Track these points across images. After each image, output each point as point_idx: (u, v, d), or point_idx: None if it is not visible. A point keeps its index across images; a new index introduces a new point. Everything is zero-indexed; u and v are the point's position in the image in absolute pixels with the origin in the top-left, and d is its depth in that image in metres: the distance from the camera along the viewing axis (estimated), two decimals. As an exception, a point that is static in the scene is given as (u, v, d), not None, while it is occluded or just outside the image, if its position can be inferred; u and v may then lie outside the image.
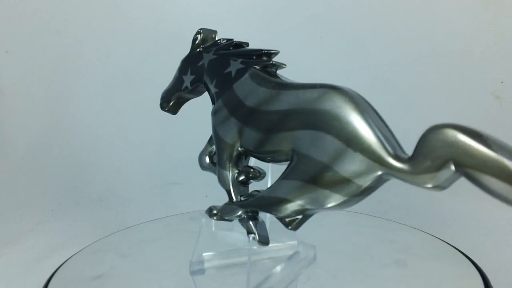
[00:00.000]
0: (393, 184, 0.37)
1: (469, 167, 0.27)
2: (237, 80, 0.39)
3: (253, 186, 0.41)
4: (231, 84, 0.39)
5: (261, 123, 0.37)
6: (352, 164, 0.31)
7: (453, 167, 0.28)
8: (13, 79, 0.84)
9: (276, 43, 0.77)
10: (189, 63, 0.44)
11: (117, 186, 0.80)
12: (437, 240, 0.52)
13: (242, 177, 0.40)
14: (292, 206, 0.35)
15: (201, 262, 0.46)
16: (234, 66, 0.40)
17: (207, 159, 0.44)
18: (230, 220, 0.41)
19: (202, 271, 0.45)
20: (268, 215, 0.42)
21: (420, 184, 0.29)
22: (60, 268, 0.48)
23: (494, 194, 0.27)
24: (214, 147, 0.43)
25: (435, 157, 0.28)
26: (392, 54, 0.78)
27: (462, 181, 0.29)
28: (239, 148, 0.39)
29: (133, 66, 0.79)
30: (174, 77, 0.45)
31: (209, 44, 0.43)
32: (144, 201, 0.77)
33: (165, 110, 0.46)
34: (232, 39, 0.42)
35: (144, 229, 0.59)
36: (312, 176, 0.33)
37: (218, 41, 0.43)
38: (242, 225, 0.40)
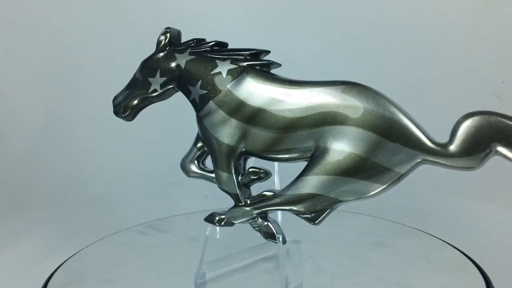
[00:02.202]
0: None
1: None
2: (231, 81, 0.38)
3: (255, 186, 0.40)
4: (224, 85, 0.38)
5: (274, 122, 0.36)
6: (392, 154, 0.33)
7: (497, 148, 0.32)
8: (12, 79, 0.84)
9: (276, 42, 0.77)
10: (157, 64, 0.41)
11: (117, 186, 0.80)
12: (386, 221, 0.57)
13: (251, 178, 0.39)
14: (324, 201, 0.36)
15: (204, 273, 0.44)
16: (224, 66, 0.39)
17: (195, 165, 0.42)
18: (232, 225, 0.40)
19: (208, 282, 0.44)
20: (279, 213, 0.42)
21: (461, 167, 0.33)
22: (59, 269, 0.48)
23: None
24: (200, 152, 0.42)
25: (480, 140, 0.32)
26: (393, 54, 0.78)
27: (463, 182, 0.30)
28: (242, 149, 0.39)
29: (133, 66, 0.79)
30: (135, 80, 0.42)
31: (180, 44, 0.41)
32: (144, 201, 0.77)
33: (121, 117, 0.43)
34: (204, 39, 0.41)
35: (101, 249, 0.53)
36: (348, 169, 0.34)
37: (191, 41, 0.41)
38: (254, 227, 0.40)
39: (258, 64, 0.38)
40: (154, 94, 0.41)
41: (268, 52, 0.40)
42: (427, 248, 0.51)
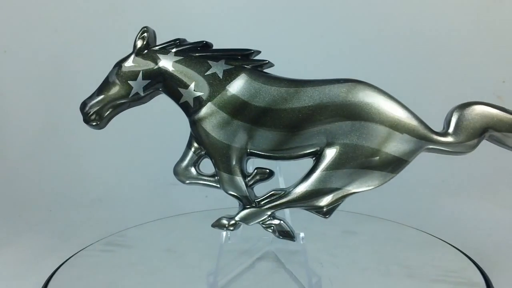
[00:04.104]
0: (394, 185, 0.38)
1: (503, 131, 0.36)
2: (229, 81, 0.38)
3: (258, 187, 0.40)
4: (223, 86, 0.38)
5: (282, 121, 0.37)
6: (401, 145, 0.36)
7: (490, 133, 0.37)
8: (11, 79, 0.84)
9: (276, 42, 0.77)
10: (138, 66, 0.39)
11: (117, 186, 0.80)
12: (338, 211, 0.59)
13: (258, 179, 0.39)
14: (340, 193, 0.37)
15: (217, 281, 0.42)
16: (218, 66, 0.38)
17: (193, 170, 0.40)
18: (238, 227, 0.40)
19: None
20: (287, 211, 0.42)
21: (458, 152, 0.37)
22: (59, 269, 0.48)
23: None
24: (197, 156, 0.40)
25: (475, 127, 0.36)
26: (393, 54, 0.77)
27: (463, 182, 0.30)
28: (247, 150, 0.38)
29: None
30: (110, 83, 0.39)
31: (161, 44, 0.40)
32: (144, 201, 0.76)
33: (93, 125, 0.40)
34: (185, 39, 0.40)
35: (75, 274, 0.48)
36: (363, 161, 0.36)
37: (173, 42, 0.39)
38: (266, 227, 0.40)
39: (255, 64, 0.38)
40: (135, 98, 0.39)
41: (259, 52, 0.39)
42: (393, 231, 0.56)
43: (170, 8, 0.81)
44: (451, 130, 0.37)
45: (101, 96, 0.40)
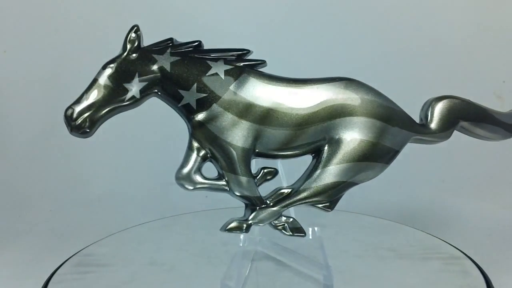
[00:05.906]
0: (394, 184, 0.38)
1: (471, 121, 0.41)
2: (232, 82, 0.37)
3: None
4: (226, 86, 0.37)
5: (287, 120, 0.38)
6: (394, 137, 0.39)
7: (461, 124, 0.41)
8: (12, 79, 0.84)
9: (275, 42, 0.76)
10: (133, 68, 0.37)
11: (116, 186, 0.80)
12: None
13: (266, 178, 0.40)
14: (345, 186, 0.39)
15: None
16: (218, 67, 0.37)
17: (198, 175, 0.39)
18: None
19: None
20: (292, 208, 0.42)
21: (440, 140, 0.41)
22: (59, 269, 0.48)
23: (484, 138, 0.43)
24: (203, 160, 0.39)
25: (451, 118, 0.40)
26: (393, 53, 0.77)
27: (463, 182, 0.30)
28: (255, 151, 0.38)
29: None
30: (101, 86, 0.37)
31: (154, 44, 0.38)
32: (143, 201, 0.76)
33: (79, 134, 0.38)
34: (171, 38, 0.38)
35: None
36: (364, 154, 0.38)
37: (166, 42, 0.38)
38: (277, 226, 0.40)
39: (252, 63, 0.38)
40: (131, 102, 0.37)
41: (251, 52, 0.39)
42: (355, 220, 0.59)
43: (171, 8, 0.81)
44: (429, 121, 0.41)
45: (92, 101, 0.37)
